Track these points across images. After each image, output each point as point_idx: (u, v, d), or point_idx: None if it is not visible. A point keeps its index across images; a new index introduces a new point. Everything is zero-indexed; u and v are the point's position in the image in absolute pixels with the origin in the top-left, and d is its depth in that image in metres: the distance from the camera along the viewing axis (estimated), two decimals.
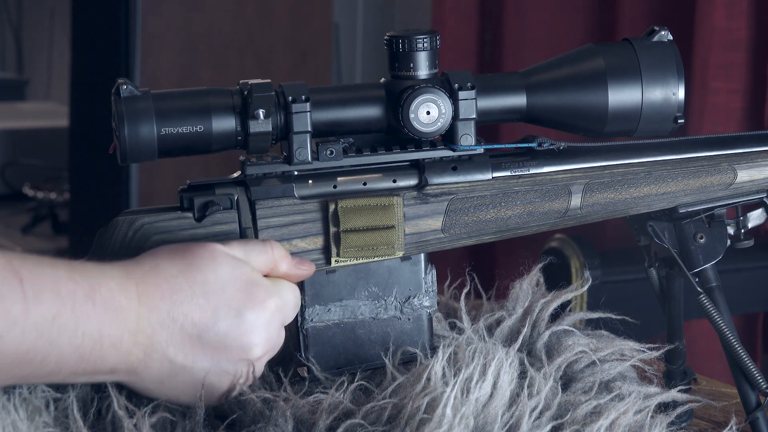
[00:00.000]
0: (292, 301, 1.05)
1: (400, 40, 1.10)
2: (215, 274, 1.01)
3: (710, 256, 1.15)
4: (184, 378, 1.01)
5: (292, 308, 1.06)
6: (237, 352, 1.01)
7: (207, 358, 1.01)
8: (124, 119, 1.05)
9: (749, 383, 1.14)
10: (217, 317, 1.00)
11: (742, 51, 2.12)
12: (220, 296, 1.01)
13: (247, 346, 1.02)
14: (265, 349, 1.03)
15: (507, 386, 1.05)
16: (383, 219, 1.09)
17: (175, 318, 0.99)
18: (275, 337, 1.04)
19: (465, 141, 1.11)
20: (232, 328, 1.01)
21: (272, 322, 1.03)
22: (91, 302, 0.96)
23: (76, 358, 0.96)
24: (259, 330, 1.02)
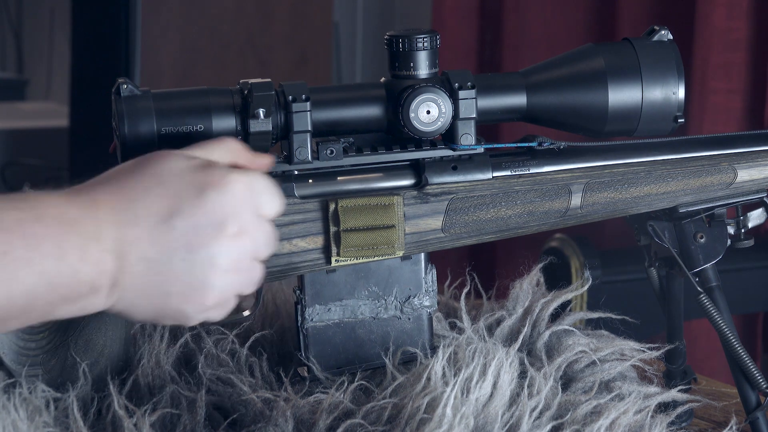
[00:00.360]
0: (260, 183, 1.00)
1: (400, 40, 1.10)
2: (168, 166, 0.97)
3: (710, 255, 1.15)
4: (168, 277, 0.96)
5: (264, 191, 1.00)
6: (209, 232, 0.96)
7: (182, 246, 0.96)
8: (124, 118, 1.05)
9: (749, 383, 1.14)
10: (179, 200, 0.96)
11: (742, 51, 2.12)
12: (177, 183, 0.97)
13: (216, 222, 0.96)
14: (239, 226, 0.97)
15: (507, 386, 1.05)
16: (383, 218, 1.09)
17: (137, 213, 0.95)
18: (250, 218, 0.98)
19: (465, 140, 1.11)
20: (197, 208, 0.96)
21: (242, 203, 0.98)
22: (40, 224, 0.91)
23: (44, 284, 0.91)
24: (227, 206, 0.97)
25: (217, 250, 0.96)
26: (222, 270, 0.97)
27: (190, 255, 0.96)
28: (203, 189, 0.96)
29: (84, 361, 1.06)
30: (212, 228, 0.96)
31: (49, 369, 1.06)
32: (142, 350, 1.10)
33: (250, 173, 0.99)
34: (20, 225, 0.91)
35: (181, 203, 0.96)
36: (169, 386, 1.06)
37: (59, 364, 1.07)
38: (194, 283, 0.97)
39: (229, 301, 0.99)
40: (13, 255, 0.90)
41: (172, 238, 0.95)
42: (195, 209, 0.96)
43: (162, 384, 1.07)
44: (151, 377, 1.08)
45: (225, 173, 0.98)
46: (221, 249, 0.97)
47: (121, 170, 0.98)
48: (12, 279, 0.90)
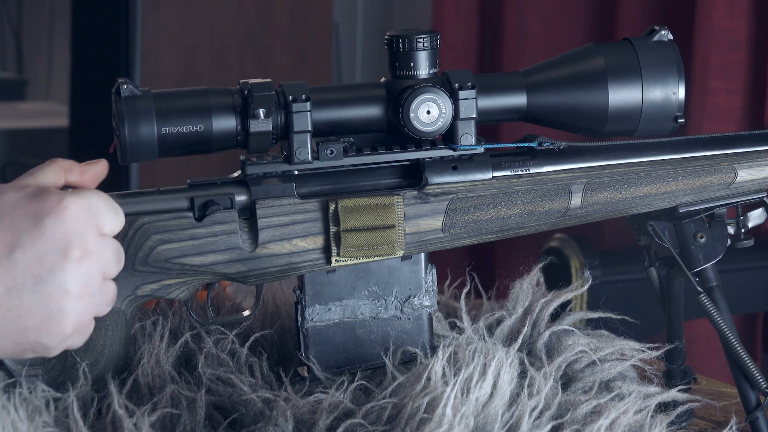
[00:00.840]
0: (97, 201, 1.00)
1: (400, 40, 1.10)
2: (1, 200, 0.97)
3: (710, 255, 1.15)
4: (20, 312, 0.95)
5: (103, 209, 0.99)
6: (53, 258, 0.96)
7: (29, 278, 0.95)
8: (124, 119, 1.05)
9: (749, 383, 1.14)
10: (17, 233, 0.95)
11: (742, 51, 2.12)
12: (12, 215, 0.96)
13: (60, 248, 0.96)
14: (82, 249, 0.97)
15: (507, 386, 1.05)
16: (383, 218, 1.09)
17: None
18: (93, 239, 0.98)
19: (465, 140, 1.11)
20: (37, 237, 0.95)
21: (82, 225, 0.97)
22: None
23: None
24: (66, 231, 0.96)
25: (65, 276, 0.96)
26: (74, 295, 0.97)
27: (39, 286, 0.96)
28: (40, 218, 0.96)
29: (84, 361, 1.06)
30: (56, 255, 0.96)
31: (49, 369, 1.06)
32: (142, 350, 1.10)
33: (85, 193, 0.99)
34: None
35: (20, 236, 0.95)
36: (169, 386, 1.06)
37: (59, 364, 1.06)
38: (48, 314, 0.96)
39: (87, 325, 0.99)
40: None
41: (17, 273, 0.95)
42: (35, 239, 0.96)
43: (162, 384, 1.07)
44: (151, 377, 1.08)
45: (59, 198, 0.97)
46: (69, 275, 0.96)
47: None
48: None
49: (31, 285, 0.95)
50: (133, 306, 1.09)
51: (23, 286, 0.95)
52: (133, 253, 1.06)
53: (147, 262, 1.07)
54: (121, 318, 1.07)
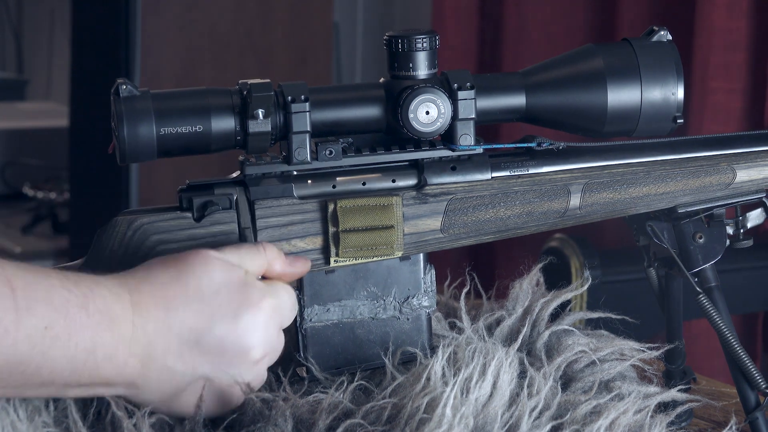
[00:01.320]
0: (287, 301, 1.04)
1: (399, 40, 1.10)
2: (209, 278, 1.00)
3: (709, 255, 1.15)
4: (185, 388, 1.00)
5: (289, 309, 1.05)
6: (236, 355, 1.00)
7: (206, 363, 0.99)
8: (123, 119, 1.05)
9: (749, 383, 1.14)
10: (214, 321, 0.99)
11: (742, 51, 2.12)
12: (215, 300, 1.00)
13: (245, 348, 1.00)
14: (264, 351, 1.02)
15: (507, 386, 1.05)
16: (382, 219, 1.09)
17: (171, 326, 0.98)
18: (274, 339, 1.03)
19: (464, 141, 1.11)
20: (230, 331, 1.00)
21: (270, 323, 1.02)
22: (85, 311, 0.94)
23: (69, 369, 0.94)
24: (257, 331, 1.01)
25: (240, 371, 1.01)
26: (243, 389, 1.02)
27: (215, 372, 1.00)
28: (239, 313, 1.00)
29: None
30: (240, 352, 1.01)
31: None
32: None
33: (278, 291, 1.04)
34: (66, 306, 0.94)
35: (215, 323, 0.99)
36: None
37: None
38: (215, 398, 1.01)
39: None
40: (54, 332, 0.93)
41: (199, 355, 0.99)
42: (228, 332, 1.00)
43: None
44: None
45: (260, 296, 1.01)
46: (244, 372, 1.01)
47: (163, 270, 1.00)
48: (44, 354, 0.93)
49: (207, 370, 1.00)
50: None
51: (200, 369, 1.00)
52: (132, 254, 1.06)
53: None
54: None
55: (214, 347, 0.99)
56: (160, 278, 0.99)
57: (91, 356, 0.95)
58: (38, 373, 0.93)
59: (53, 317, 0.93)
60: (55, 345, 0.93)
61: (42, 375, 0.94)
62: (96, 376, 0.96)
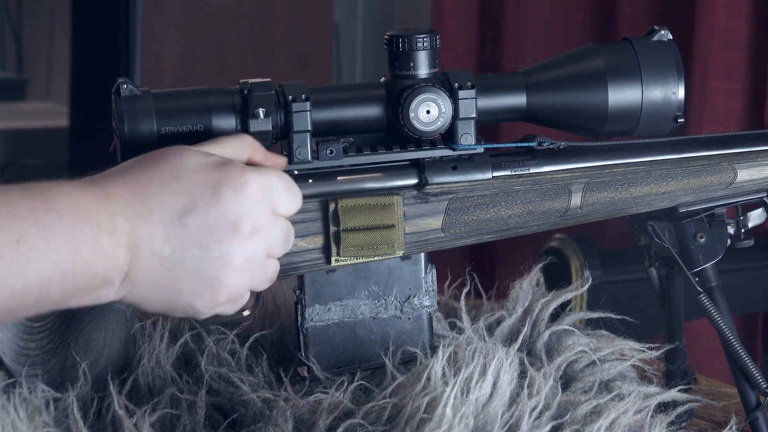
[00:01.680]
0: (278, 182, 1.01)
1: (400, 40, 1.10)
2: (184, 163, 0.98)
3: (710, 255, 1.15)
4: (180, 273, 0.97)
5: (283, 191, 1.01)
6: (223, 230, 0.97)
7: (194, 244, 0.96)
8: (124, 118, 1.05)
9: (749, 383, 1.14)
10: (194, 198, 0.96)
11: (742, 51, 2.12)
12: (193, 179, 0.97)
13: (230, 220, 0.97)
14: (252, 225, 0.98)
15: (507, 386, 1.05)
16: (383, 218, 1.09)
17: (152, 209, 0.95)
18: (265, 218, 0.99)
19: (465, 140, 1.11)
20: (211, 206, 0.97)
21: (258, 201, 0.99)
22: (54, 213, 0.91)
23: (58, 276, 0.91)
24: (241, 204, 0.98)
25: (230, 248, 0.97)
26: (235, 268, 0.98)
27: (203, 253, 0.97)
28: (218, 187, 0.97)
29: (84, 361, 1.06)
30: (226, 227, 0.97)
31: (49, 369, 1.06)
32: (142, 350, 1.10)
33: (266, 171, 1.00)
34: (33, 213, 0.91)
35: (196, 201, 0.97)
36: (169, 386, 1.06)
37: (59, 364, 1.06)
38: (206, 281, 0.98)
39: (242, 297, 1.01)
40: (28, 243, 0.90)
41: (186, 236, 0.96)
42: (209, 207, 0.97)
43: (162, 384, 1.07)
44: (151, 377, 1.08)
45: (241, 172, 0.98)
46: (234, 248, 0.98)
47: (137, 163, 0.98)
48: (27, 268, 0.90)
49: (196, 251, 0.96)
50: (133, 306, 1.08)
51: (188, 250, 0.96)
52: None
53: None
54: (121, 318, 1.07)
55: (200, 224, 0.96)
56: (134, 170, 0.97)
57: (77, 255, 0.92)
58: (28, 291, 0.90)
59: (22, 228, 0.90)
60: (33, 257, 0.90)
61: (33, 291, 0.90)
62: (90, 276, 0.93)
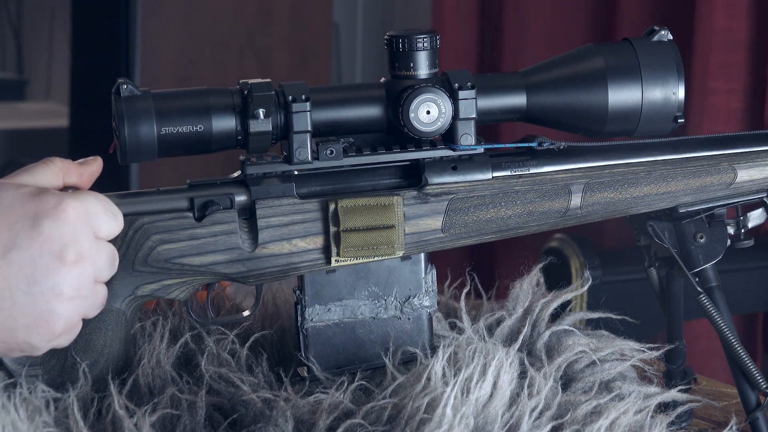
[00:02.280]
0: (96, 204, 1.00)
1: (400, 40, 1.10)
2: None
3: (710, 255, 1.15)
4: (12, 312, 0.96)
5: (101, 212, 1.00)
6: (48, 261, 0.96)
7: (22, 280, 0.95)
8: (124, 119, 1.05)
9: (749, 383, 1.14)
10: (14, 233, 0.96)
11: (742, 51, 2.12)
12: (9, 214, 0.96)
13: (54, 251, 0.97)
14: (78, 253, 0.98)
15: (507, 386, 1.05)
16: (383, 218, 1.09)
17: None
18: (88, 243, 0.98)
19: (465, 140, 1.11)
20: (33, 239, 0.96)
21: (78, 226, 0.98)
22: None
23: None
24: (64, 233, 0.97)
25: (59, 279, 0.97)
26: (66, 298, 0.98)
27: (32, 288, 0.96)
28: (38, 219, 0.97)
29: (84, 361, 1.06)
30: (51, 258, 0.97)
31: (49, 369, 1.06)
32: (142, 350, 1.10)
33: (83, 196, 1.00)
34: None
35: (17, 236, 0.96)
36: (170, 386, 1.06)
37: (59, 364, 1.06)
38: (39, 315, 0.97)
39: (76, 326, 1.00)
40: None
41: (11, 273, 0.96)
42: (32, 241, 0.96)
43: (162, 384, 1.07)
44: (152, 377, 1.08)
45: (58, 200, 0.98)
46: (63, 278, 0.97)
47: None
48: None
49: (24, 286, 0.96)
50: (132, 306, 1.09)
51: (16, 286, 0.96)
52: (132, 254, 1.06)
53: (147, 262, 1.07)
54: (121, 318, 1.07)
55: (24, 259, 0.96)
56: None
57: None
58: None
59: None
60: None
61: None
62: None
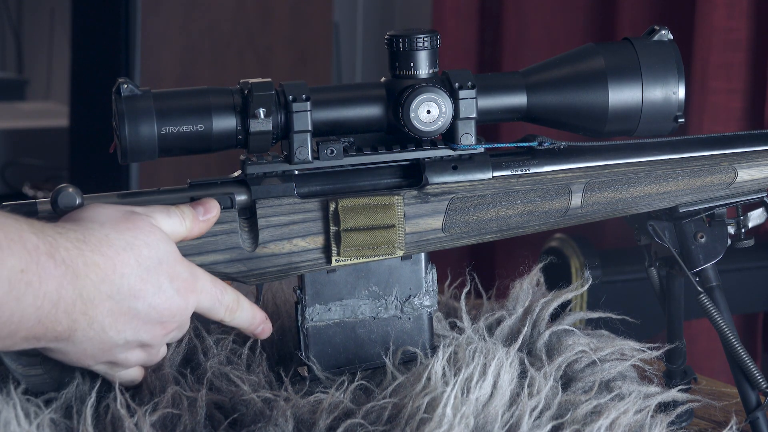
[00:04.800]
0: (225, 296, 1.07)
1: (400, 40, 1.10)
2: (155, 250, 1.01)
3: (710, 255, 1.15)
4: (102, 345, 1.00)
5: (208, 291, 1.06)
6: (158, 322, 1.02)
7: (132, 328, 1.00)
8: (124, 118, 1.05)
9: (749, 383, 1.14)
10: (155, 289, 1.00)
11: (742, 51, 2.11)
12: (157, 270, 1.00)
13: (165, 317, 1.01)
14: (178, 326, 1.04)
15: (507, 386, 1.05)
16: (384, 218, 1.09)
17: (121, 290, 0.98)
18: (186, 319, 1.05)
19: (465, 140, 1.11)
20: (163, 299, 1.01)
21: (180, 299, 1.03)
22: (52, 261, 0.94)
23: (35, 319, 0.94)
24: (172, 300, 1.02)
25: (152, 336, 1.02)
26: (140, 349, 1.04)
27: (132, 335, 1.01)
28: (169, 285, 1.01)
29: None
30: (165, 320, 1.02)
31: (49, 369, 1.06)
32: None
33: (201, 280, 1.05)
34: (37, 252, 0.93)
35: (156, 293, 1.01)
36: (170, 386, 1.06)
37: (59, 364, 1.06)
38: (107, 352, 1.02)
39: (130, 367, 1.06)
40: (28, 277, 0.93)
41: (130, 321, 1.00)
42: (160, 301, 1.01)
43: (163, 384, 1.07)
44: (152, 377, 1.08)
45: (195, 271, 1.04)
46: (156, 336, 1.02)
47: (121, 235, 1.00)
48: (19, 300, 0.92)
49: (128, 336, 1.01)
50: None
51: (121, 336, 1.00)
52: None
53: None
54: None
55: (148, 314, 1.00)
56: (117, 243, 0.99)
57: (53, 309, 0.94)
58: (9, 321, 0.93)
59: (27, 260, 0.92)
60: (28, 291, 0.92)
61: (12, 323, 0.93)
62: (51, 330, 0.96)
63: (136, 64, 2.71)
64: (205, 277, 1.04)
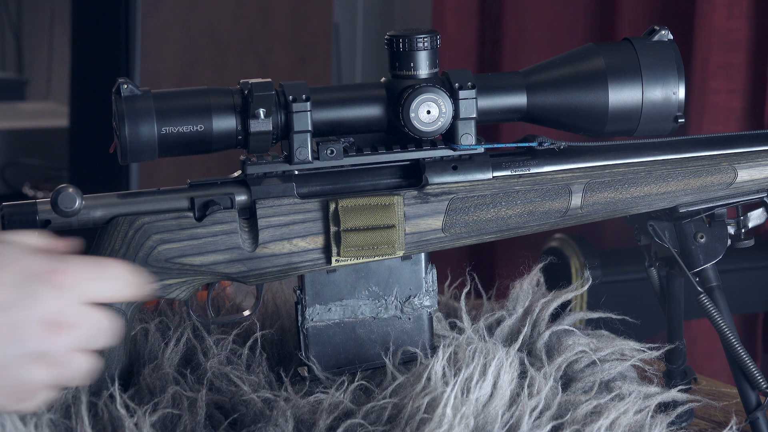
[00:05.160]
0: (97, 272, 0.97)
1: (400, 40, 1.10)
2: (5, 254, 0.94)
3: (710, 255, 1.15)
4: None
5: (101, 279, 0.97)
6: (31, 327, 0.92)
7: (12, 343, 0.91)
8: (124, 118, 1.05)
9: (749, 383, 1.14)
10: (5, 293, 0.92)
11: (742, 51, 2.12)
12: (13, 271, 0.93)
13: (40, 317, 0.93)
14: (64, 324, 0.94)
15: (507, 386, 1.05)
16: (384, 218, 1.09)
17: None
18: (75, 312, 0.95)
19: (465, 140, 1.11)
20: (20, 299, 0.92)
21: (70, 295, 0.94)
22: None
23: None
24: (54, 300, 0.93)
25: (38, 346, 0.92)
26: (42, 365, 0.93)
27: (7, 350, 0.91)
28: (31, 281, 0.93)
29: None
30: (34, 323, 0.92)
31: None
32: (143, 350, 1.10)
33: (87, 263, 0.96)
34: None
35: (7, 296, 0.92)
36: (170, 386, 1.06)
37: None
38: (11, 378, 0.92)
39: (47, 394, 0.95)
40: None
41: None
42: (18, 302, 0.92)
43: (162, 384, 1.07)
44: (152, 377, 1.08)
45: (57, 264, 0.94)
46: (43, 345, 0.92)
47: None
48: None
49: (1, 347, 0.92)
50: (133, 306, 1.09)
51: None
52: (133, 254, 1.07)
53: (147, 262, 1.07)
54: (121, 318, 1.07)
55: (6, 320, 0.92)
56: None
57: None
58: None
59: None
60: None
61: None
62: None
63: (136, 64, 2.71)
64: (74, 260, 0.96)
